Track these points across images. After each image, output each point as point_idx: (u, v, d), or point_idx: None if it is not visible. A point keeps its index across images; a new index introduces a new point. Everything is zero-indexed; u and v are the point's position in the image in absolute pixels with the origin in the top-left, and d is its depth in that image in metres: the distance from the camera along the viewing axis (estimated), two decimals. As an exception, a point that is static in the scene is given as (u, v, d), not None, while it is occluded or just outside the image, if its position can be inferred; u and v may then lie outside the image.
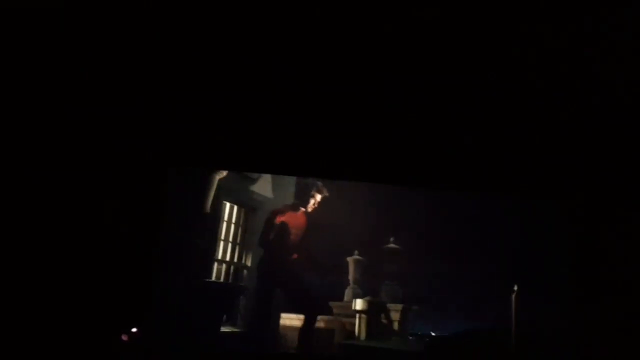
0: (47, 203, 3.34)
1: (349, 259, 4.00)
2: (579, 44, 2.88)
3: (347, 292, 3.96)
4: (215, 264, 3.96)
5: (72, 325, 3.20)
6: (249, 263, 4.06)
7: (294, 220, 3.93)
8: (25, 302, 3.19)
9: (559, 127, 3.45)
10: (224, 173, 3.84)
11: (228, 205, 4.07)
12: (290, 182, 3.98)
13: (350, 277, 3.98)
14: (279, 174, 3.91)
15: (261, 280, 3.90)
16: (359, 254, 3.98)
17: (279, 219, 3.93)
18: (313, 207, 3.91)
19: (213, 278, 3.92)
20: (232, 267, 4.07)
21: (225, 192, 3.95)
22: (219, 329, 3.76)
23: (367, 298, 3.88)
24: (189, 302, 3.62)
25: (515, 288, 3.54)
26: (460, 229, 3.72)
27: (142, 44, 3.08)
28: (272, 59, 3.15)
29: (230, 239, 4.11)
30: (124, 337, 3.21)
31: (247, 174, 4.01)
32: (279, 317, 3.82)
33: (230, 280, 4.02)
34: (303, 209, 3.93)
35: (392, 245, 3.92)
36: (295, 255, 3.86)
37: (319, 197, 3.91)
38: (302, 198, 3.93)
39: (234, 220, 4.14)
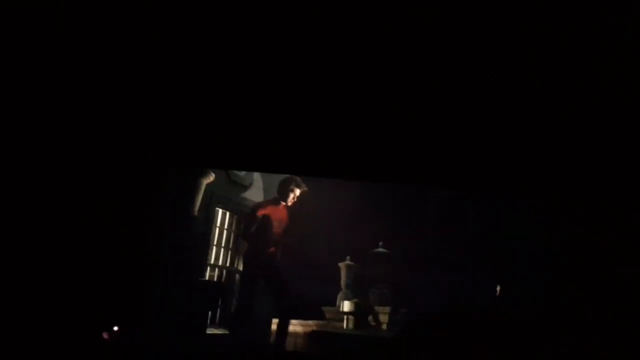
0: (46, 203, 3.33)
1: (341, 264, 4.04)
2: (579, 44, 2.88)
3: (340, 297, 4.00)
4: (208, 269, 3.99)
5: (69, 324, 3.20)
6: (240, 267, 4.09)
7: (276, 213, 4.02)
8: (23, 302, 3.19)
9: (559, 127, 3.44)
10: (212, 177, 3.88)
11: (220, 211, 4.12)
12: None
13: (342, 282, 4.03)
14: (279, 172, 3.94)
15: (246, 271, 3.99)
16: (350, 259, 4.01)
17: (261, 212, 4.00)
18: (292, 201, 4.03)
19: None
20: (224, 272, 4.10)
21: (217, 198, 4.01)
22: (206, 326, 3.79)
23: (355, 300, 3.91)
24: (180, 302, 3.64)
25: (498, 288, 3.56)
26: (458, 230, 3.73)
27: (142, 44, 3.08)
28: (272, 59, 3.15)
29: (223, 244, 4.15)
30: (105, 335, 3.21)
31: (239, 182, 4.08)
32: (269, 321, 3.85)
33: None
34: (284, 203, 4.01)
35: (380, 249, 3.97)
36: (272, 249, 3.91)
37: (298, 191, 4.03)
38: (282, 192, 4.04)
39: (226, 226, 4.19)
